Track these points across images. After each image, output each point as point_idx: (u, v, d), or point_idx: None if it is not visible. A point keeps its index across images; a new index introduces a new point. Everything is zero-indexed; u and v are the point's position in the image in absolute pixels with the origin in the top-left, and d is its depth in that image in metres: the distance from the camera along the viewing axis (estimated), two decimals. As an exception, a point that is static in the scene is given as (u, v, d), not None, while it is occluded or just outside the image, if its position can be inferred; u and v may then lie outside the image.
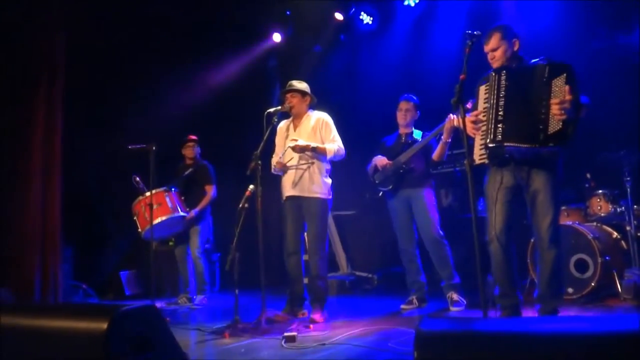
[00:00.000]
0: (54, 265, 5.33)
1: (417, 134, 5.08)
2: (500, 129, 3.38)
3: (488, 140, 3.39)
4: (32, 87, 5.39)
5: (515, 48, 3.55)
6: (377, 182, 5.07)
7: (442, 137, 4.44)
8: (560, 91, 3.25)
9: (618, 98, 5.34)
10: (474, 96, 3.65)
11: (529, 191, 3.48)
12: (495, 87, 3.43)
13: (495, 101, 3.42)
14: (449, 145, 4.50)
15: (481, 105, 3.51)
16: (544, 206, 3.42)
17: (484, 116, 3.45)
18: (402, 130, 5.17)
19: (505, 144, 3.37)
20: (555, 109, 3.23)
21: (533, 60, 3.52)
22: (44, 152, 5.39)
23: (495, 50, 3.53)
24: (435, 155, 4.62)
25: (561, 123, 3.24)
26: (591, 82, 5.43)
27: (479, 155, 3.47)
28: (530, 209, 3.53)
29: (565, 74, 3.27)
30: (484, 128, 3.43)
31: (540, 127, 3.28)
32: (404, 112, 5.09)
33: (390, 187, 4.96)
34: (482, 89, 3.53)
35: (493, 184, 3.53)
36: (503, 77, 3.43)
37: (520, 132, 3.35)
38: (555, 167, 3.47)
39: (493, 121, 3.40)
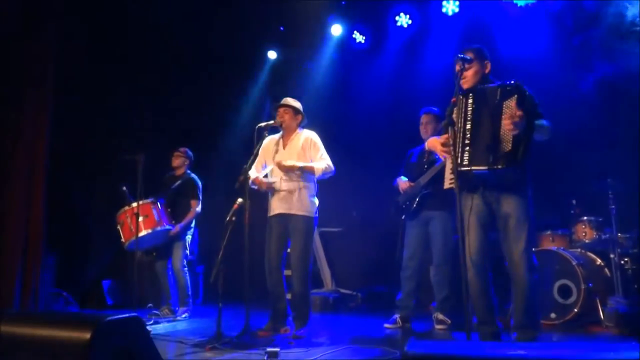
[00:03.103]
0: (35, 273, 5.24)
1: None
2: (467, 153, 3.34)
3: (457, 165, 3.31)
4: (19, 91, 5.33)
5: (487, 70, 3.54)
6: (400, 204, 5.08)
7: None
8: (510, 112, 3.22)
9: (605, 126, 5.42)
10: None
11: (500, 216, 3.43)
12: (462, 110, 3.40)
13: (462, 125, 3.39)
14: None
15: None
16: (516, 230, 3.36)
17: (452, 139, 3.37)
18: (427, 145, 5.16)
19: (472, 168, 3.32)
20: (506, 124, 3.20)
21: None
22: (28, 159, 5.31)
23: (467, 69, 3.48)
24: None
25: (510, 144, 3.21)
26: (578, 110, 5.55)
27: (448, 179, 3.42)
28: (502, 234, 3.46)
29: (516, 95, 3.25)
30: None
31: (492, 148, 3.26)
32: (425, 126, 5.06)
33: (411, 210, 4.97)
34: (454, 112, 3.46)
35: (466, 210, 3.46)
36: (470, 100, 3.40)
37: (478, 155, 3.31)
38: (525, 192, 3.43)
39: (460, 145, 3.36)
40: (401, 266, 5.06)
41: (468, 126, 3.37)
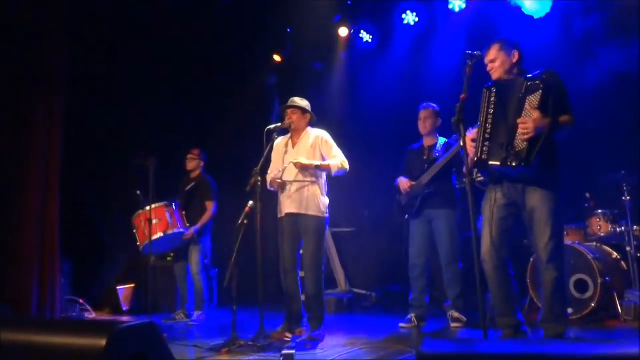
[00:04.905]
0: (52, 280, 5.29)
1: (442, 141, 5.05)
2: (486, 147, 3.33)
3: (476, 159, 3.35)
4: (32, 98, 5.37)
5: (515, 60, 3.52)
6: (402, 203, 5.07)
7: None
8: (530, 109, 3.21)
9: (619, 118, 5.35)
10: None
11: (526, 210, 3.41)
12: (486, 103, 3.40)
13: (484, 118, 3.38)
14: None
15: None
16: (541, 225, 3.34)
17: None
18: (426, 141, 5.12)
19: (490, 162, 3.31)
20: (520, 127, 3.20)
21: (535, 73, 3.46)
22: (43, 165, 5.36)
23: (493, 61, 3.51)
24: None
25: (526, 143, 3.19)
26: (590, 102, 5.49)
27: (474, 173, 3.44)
28: (528, 228, 3.46)
29: (540, 92, 3.23)
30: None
31: (506, 145, 3.25)
32: (423, 121, 5.06)
33: (414, 209, 4.96)
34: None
35: (488, 202, 3.48)
36: (493, 93, 3.39)
37: (495, 150, 3.31)
38: (554, 186, 3.39)
39: (481, 139, 3.36)
40: (409, 266, 5.04)
41: (489, 120, 3.36)
